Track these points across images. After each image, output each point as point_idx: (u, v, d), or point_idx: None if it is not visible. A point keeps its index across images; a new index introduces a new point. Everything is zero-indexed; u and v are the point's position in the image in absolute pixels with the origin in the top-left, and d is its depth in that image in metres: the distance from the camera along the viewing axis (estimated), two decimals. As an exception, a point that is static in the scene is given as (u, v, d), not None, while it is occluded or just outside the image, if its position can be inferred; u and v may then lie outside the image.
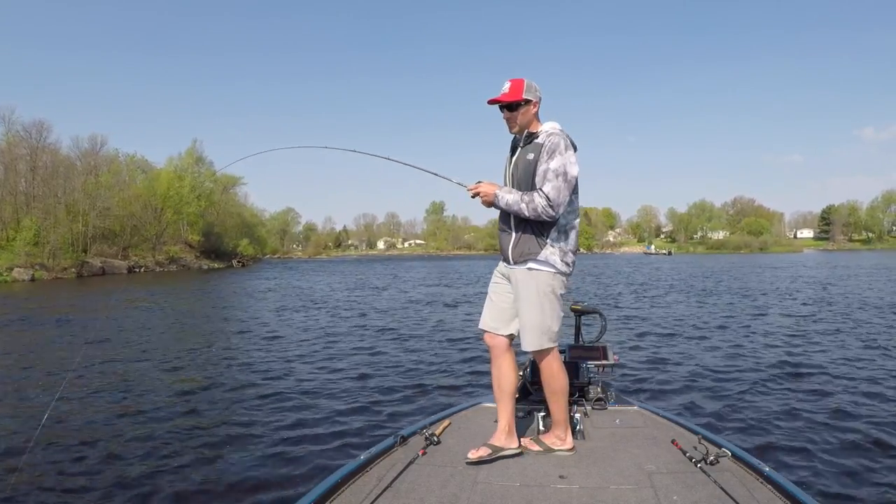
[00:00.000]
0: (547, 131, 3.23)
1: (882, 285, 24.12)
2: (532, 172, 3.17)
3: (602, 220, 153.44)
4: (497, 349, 3.38)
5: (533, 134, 3.27)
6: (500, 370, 3.36)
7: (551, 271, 3.24)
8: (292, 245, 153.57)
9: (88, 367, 9.05)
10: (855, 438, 5.37)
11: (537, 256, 3.22)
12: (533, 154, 3.19)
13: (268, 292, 26.25)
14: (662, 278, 33.54)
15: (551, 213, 3.10)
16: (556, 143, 3.14)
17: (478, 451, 3.20)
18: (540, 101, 3.30)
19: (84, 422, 6.26)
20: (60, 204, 51.12)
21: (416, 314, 15.97)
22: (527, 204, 3.12)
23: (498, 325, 3.37)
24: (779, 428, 5.69)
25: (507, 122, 3.31)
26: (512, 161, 3.36)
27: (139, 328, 14.02)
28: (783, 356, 9.26)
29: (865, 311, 15.08)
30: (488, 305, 3.44)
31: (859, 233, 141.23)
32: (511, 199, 3.17)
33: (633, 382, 7.58)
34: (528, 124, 3.29)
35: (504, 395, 3.33)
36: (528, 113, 3.26)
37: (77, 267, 47.39)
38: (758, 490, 2.79)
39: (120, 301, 22.30)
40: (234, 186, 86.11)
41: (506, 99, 3.23)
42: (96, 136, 62.76)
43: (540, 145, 3.18)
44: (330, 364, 9.06)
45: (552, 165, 3.10)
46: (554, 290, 3.26)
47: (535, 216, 3.13)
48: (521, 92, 3.21)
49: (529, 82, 3.25)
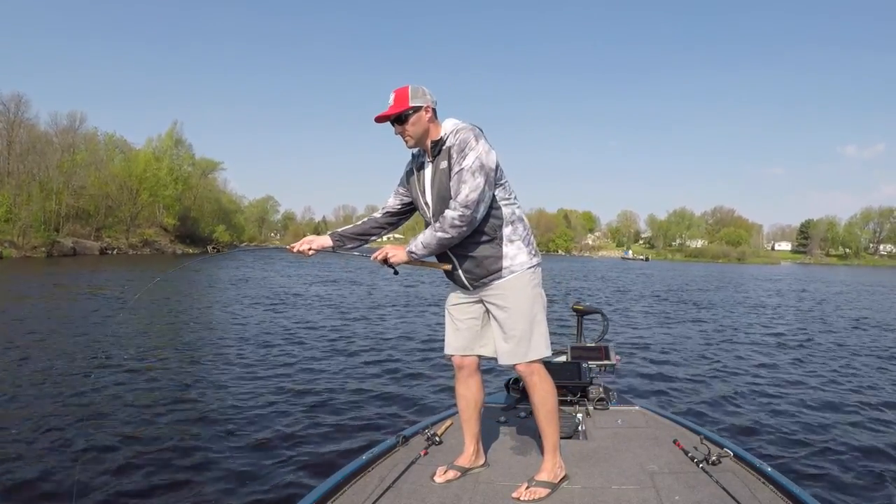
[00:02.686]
0: (451, 130, 2.88)
1: (873, 301, 24.39)
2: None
3: (582, 223, 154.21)
4: (467, 369, 3.13)
5: (438, 140, 2.89)
6: (469, 390, 3.13)
7: (526, 269, 2.91)
8: (270, 233, 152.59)
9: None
10: (856, 439, 5.39)
11: (503, 264, 2.88)
12: (446, 161, 2.84)
13: (246, 281, 25.91)
14: (649, 284, 33.68)
15: (470, 215, 2.72)
16: (464, 140, 2.79)
17: (445, 472, 3.02)
18: (434, 105, 2.91)
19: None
20: (34, 181, 50.10)
21: (415, 313, 15.77)
22: (443, 228, 2.75)
23: (467, 346, 3.09)
24: (780, 428, 5.69)
25: (402, 137, 2.92)
26: (423, 179, 2.98)
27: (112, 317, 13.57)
28: (784, 358, 9.35)
29: (863, 322, 15.25)
30: (451, 329, 3.12)
31: (836, 248, 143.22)
32: (423, 239, 2.80)
33: (634, 383, 7.57)
34: (424, 133, 2.90)
35: (473, 414, 3.14)
36: (419, 121, 2.87)
37: (48, 246, 46.50)
38: (760, 490, 2.78)
39: (89, 285, 21.71)
40: (214, 171, 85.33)
41: (392, 112, 2.84)
42: (75, 114, 61.22)
43: (449, 148, 2.84)
44: (329, 364, 8.88)
45: (466, 164, 2.74)
46: (536, 285, 2.95)
47: (458, 232, 2.75)
48: (406, 100, 2.84)
49: (416, 87, 2.87)
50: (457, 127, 2.87)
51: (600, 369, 4.46)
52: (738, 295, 24.35)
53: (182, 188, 70.83)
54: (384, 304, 17.57)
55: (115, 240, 57.73)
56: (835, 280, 46.39)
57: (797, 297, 24.22)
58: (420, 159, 3.02)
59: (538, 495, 2.81)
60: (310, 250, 3.10)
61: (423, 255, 2.84)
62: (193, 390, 7.18)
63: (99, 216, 57.08)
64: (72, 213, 53.70)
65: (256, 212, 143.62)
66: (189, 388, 7.24)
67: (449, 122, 2.93)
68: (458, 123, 2.90)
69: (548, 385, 2.98)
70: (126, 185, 61.68)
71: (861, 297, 25.61)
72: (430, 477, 3.02)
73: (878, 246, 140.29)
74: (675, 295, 23.54)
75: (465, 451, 3.14)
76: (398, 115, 2.85)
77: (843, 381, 7.66)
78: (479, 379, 3.17)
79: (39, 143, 54.18)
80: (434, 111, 2.91)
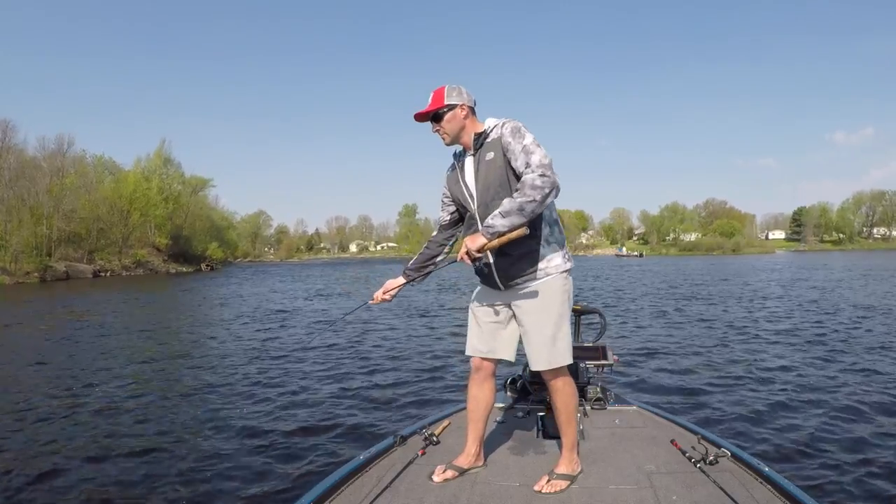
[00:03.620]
0: (495, 123, 2.93)
1: (872, 287, 24.34)
2: (504, 167, 2.82)
3: (575, 223, 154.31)
4: (484, 372, 3.13)
5: (480, 134, 2.94)
6: (483, 392, 3.14)
7: (560, 273, 2.92)
8: (264, 248, 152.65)
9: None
10: (855, 437, 5.34)
11: (539, 266, 2.88)
12: (493, 152, 2.85)
13: (244, 298, 25.86)
14: (644, 280, 33.66)
15: (551, 176, 2.63)
16: (516, 126, 2.82)
17: (443, 472, 3.04)
18: (472, 104, 2.98)
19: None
20: (25, 206, 49.87)
21: (413, 317, 15.76)
22: (523, 192, 2.64)
23: (491, 349, 3.08)
24: (778, 428, 5.64)
25: (439, 134, 3.00)
26: (465, 172, 2.99)
27: (107, 337, 13.50)
28: (781, 356, 9.29)
29: (861, 312, 15.11)
30: (475, 331, 3.12)
31: (830, 234, 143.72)
32: (502, 209, 2.68)
33: (632, 383, 7.55)
34: (459, 130, 2.96)
35: (482, 416, 3.16)
36: (455, 118, 2.94)
37: (40, 271, 46.32)
38: (757, 490, 2.78)
39: (84, 309, 21.58)
40: (204, 189, 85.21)
41: (429, 109, 2.93)
42: (63, 137, 61.25)
43: (497, 138, 2.86)
44: (328, 365, 8.92)
45: (527, 140, 2.74)
46: (567, 291, 2.96)
47: (542, 195, 2.62)
48: (442, 98, 2.93)
49: (452, 87, 2.96)
50: (502, 120, 2.91)
51: (598, 369, 4.46)
52: (735, 289, 24.23)
53: (173, 207, 70.76)
54: (381, 308, 17.49)
55: (108, 262, 57.50)
56: (835, 266, 46.07)
57: (794, 288, 24.12)
58: (462, 157, 3.05)
59: (559, 487, 2.88)
60: (388, 295, 3.19)
61: (503, 229, 2.68)
62: (194, 390, 7.25)
63: (91, 239, 56.82)
64: (63, 237, 53.40)
65: (249, 227, 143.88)
66: (189, 389, 7.34)
67: (491, 119, 2.98)
68: (500, 119, 2.94)
69: (571, 388, 3.03)
70: (116, 206, 61.48)
71: (861, 284, 25.49)
72: (428, 477, 3.02)
73: (872, 230, 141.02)
74: (673, 292, 23.47)
75: (466, 452, 3.14)
76: (434, 112, 2.93)
77: (844, 378, 7.57)
78: (493, 383, 3.19)
79: (28, 168, 54.00)
80: (472, 109, 2.98)
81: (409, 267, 3.23)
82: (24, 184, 51.70)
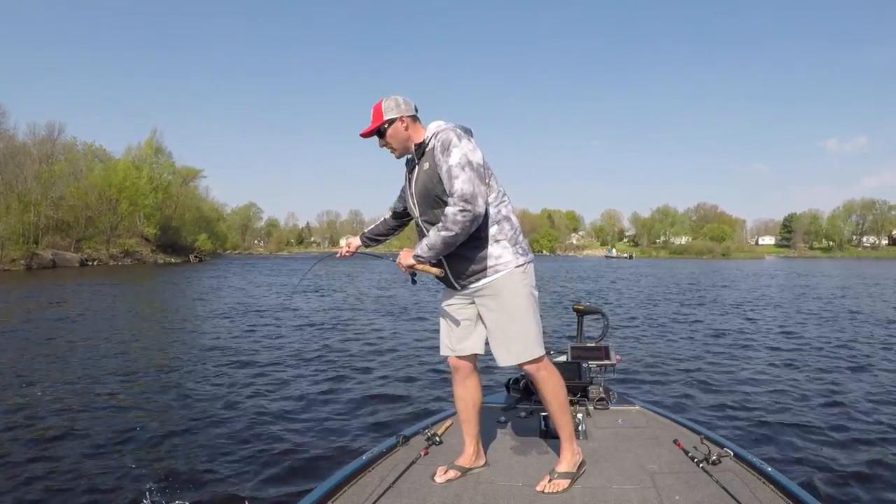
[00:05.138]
0: (432, 132, 2.92)
1: (871, 293, 24.54)
2: (435, 180, 2.85)
3: (565, 223, 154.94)
4: (463, 370, 3.14)
5: (421, 143, 2.95)
6: (466, 391, 3.16)
7: (513, 268, 2.91)
8: (254, 241, 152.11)
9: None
10: (858, 438, 5.35)
11: (488, 264, 2.89)
12: (428, 162, 2.89)
13: (234, 289, 25.69)
14: (640, 282, 33.77)
15: (471, 209, 2.71)
16: (446, 139, 2.82)
17: (446, 473, 3.03)
18: (412, 113, 2.97)
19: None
20: (13, 192, 49.40)
21: (414, 317, 15.67)
22: (445, 226, 2.74)
23: (462, 347, 3.09)
24: (781, 428, 5.66)
25: (387, 149, 3.03)
26: (410, 182, 3.05)
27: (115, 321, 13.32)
28: (784, 357, 9.32)
29: (862, 318, 15.19)
30: (445, 330, 3.15)
31: (820, 241, 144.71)
32: (428, 241, 2.80)
33: (635, 383, 7.54)
34: (405, 141, 2.98)
35: (472, 415, 3.15)
36: (396, 132, 2.95)
37: (27, 259, 45.92)
38: (760, 490, 2.77)
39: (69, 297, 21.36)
40: (194, 179, 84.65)
41: (370, 129, 2.96)
42: (54, 123, 60.51)
43: (432, 149, 2.88)
44: (329, 365, 8.83)
45: (452, 161, 2.76)
46: (526, 285, 2.95)
47: (463, 229, 2.73)
48: (380, 115, 2.93)
49: (388, 100, 2.95)
50: (438, 129, 2.91)
51: (601, 369, 4.45)
52: (731, 292, 24.39)
53: (162, 197, 70.29)
54: (382, 309, 17.44)
55: (96, 251, 57.05)
56: (830, 273, 46.54)
57: (791, 292, 24.32)
58: (411, 163, 3.08)
59: (561, 486, 2.87)
60: (347, 251, 3.37)
61: (429, 257, 2.85)
62: (194, 391, 7.20)
63: (79, 227, 56.45)
64: (51, 225, 53.06)
65: (239, 219, 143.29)
66: (189, 389, 7.29)
67: (433, 124, 2.97)
68: (440, 125, 2.93)
69: (556, 378, 3.02)
70: (105, 195, 60.97)
71: (855, 291, 25.68)
72: (431, 477, 3.02)
73: (861, 238, 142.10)
74: (671, 294, 23.53)
75: (465, 452, 3.14)
76: (377, 129, 2.95)
77: (845, 379, 7.60)
78: (477, 380, 3.19)
79: (17, 154, 53.44)
80: (413, 118, 2.98)
81: (366, 233, 3.44)
82: (13, 169, 51.24)
